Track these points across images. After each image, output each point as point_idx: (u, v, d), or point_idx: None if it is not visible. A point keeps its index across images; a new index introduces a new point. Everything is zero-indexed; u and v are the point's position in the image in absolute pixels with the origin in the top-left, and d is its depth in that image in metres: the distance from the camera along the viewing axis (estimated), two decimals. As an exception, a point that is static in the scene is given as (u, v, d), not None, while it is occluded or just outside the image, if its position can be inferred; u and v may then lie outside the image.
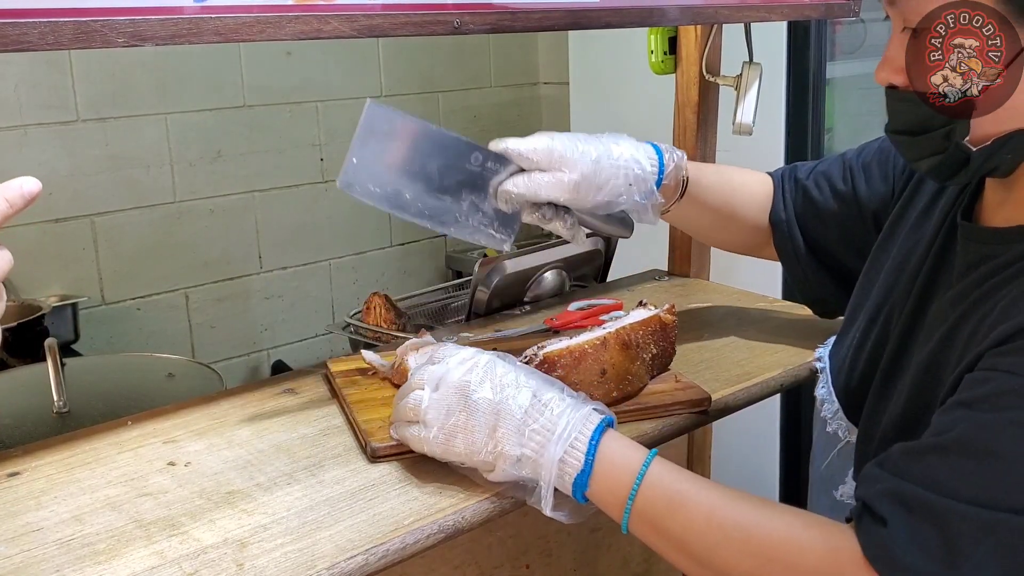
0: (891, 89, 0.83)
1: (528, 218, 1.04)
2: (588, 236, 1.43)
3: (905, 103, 0.82)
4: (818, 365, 1.07)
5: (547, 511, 0.83)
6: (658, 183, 1.08)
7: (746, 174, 1.23)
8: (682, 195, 1.13)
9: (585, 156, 1.02)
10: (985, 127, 0.78)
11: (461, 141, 1.00)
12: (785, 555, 0.74)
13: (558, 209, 1.04)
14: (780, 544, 0.75)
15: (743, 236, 1.22)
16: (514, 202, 1.01)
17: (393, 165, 0.98)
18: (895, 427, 0.86)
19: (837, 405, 1.00)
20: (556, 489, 0.83)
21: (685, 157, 1.12)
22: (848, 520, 0.75)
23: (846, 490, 0.96)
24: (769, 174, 1.23)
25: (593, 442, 0.82)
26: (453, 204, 1.01)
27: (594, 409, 0.86)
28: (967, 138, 0.79)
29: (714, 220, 1.20)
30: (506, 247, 1.04)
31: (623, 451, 0.83)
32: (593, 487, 0.82)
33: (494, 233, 1.03)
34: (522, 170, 1.01)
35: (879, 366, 0.93)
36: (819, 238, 1.17)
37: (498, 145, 1.01)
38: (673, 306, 1.11)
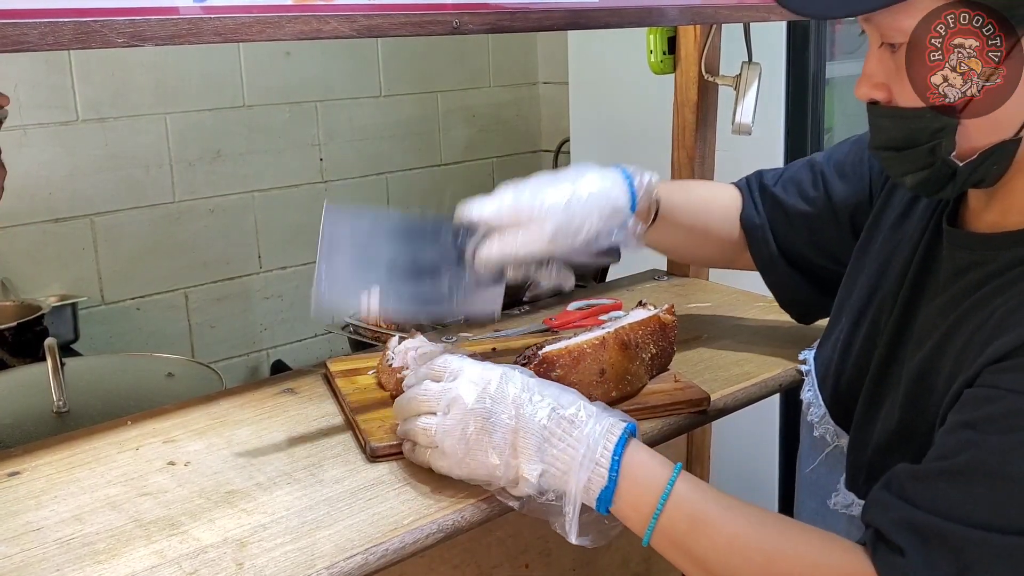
0: (872, 105, 0.82)
1: (512, 275, 0.99)
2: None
3: (888, 119, 0.81)
4: (803, 368, 1.07)
5: (572, 538, 0.81)
6: (632, 209, 1.05)
7: (714, 188, 1.23)
8: (655, 218, 1.11)
9: (554, 205, 0.97)
10: (971, 140, 0.77)
11: (426, 220, 0.95)
12: None
13: (541, 261, 0.99)
14: (801, 571, 0.75)
15: (717, 250, 1.22)
16: (493, 266, 0.97)
17: (363, 265, 0.92)
18: (890, 437, 0.85)
19: (824, 409, 0.99)
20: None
21: (657, 178, 1.09)
22: (862, 543, 0.75)
23: (840, 500, 0.95)
24: (735, 184, 1.22)
25: (616, 457, 0.80)
26: (433, 286, 0.95)
27: (615, 419, 0.83)
28: (953, 153, 0.78)
29: (688, 238, 1.19)
30: (497, 315, 1.00)
31: (647, 467, 0.81)
32: (617, 503, 0.80)
33: (482, 303, 0.98)
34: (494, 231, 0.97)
35: (868, 372, 0.93)
36: (791, 243, 1.16)
37: (463, 214, 0.97)
38: (672, 306, 1.11)
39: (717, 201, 1.20)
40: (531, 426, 0.81)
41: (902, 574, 0.70)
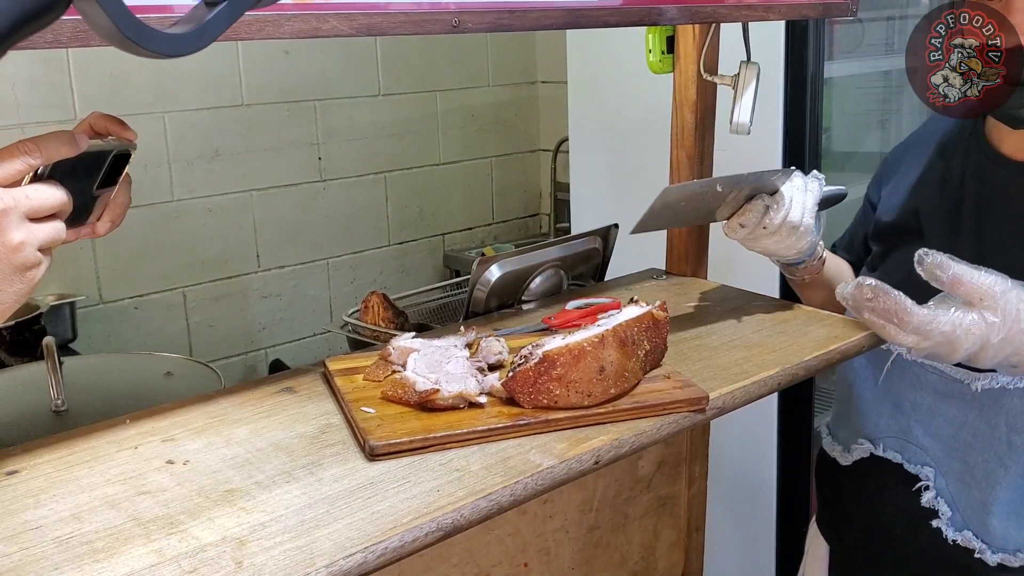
0: None
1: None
2: (590, 234, 1.47)
3: None
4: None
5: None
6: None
7: (842, 264, 1.52)
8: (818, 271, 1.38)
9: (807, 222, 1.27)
10: None
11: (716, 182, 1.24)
12: None
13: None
14: None
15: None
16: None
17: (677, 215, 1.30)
18: None
19: None
20: None
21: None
22: None
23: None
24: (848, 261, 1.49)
25: None
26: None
27: None
28: None
29: (826, 296, 1.40)
30: None
31: None
32: None
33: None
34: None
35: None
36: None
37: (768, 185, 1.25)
38: (664, 303, 1.11)
39: (844, 271, 1.48)
40: None
41: None
